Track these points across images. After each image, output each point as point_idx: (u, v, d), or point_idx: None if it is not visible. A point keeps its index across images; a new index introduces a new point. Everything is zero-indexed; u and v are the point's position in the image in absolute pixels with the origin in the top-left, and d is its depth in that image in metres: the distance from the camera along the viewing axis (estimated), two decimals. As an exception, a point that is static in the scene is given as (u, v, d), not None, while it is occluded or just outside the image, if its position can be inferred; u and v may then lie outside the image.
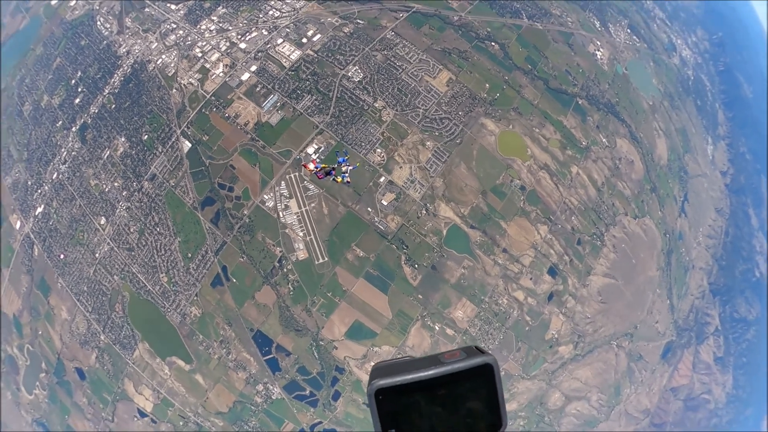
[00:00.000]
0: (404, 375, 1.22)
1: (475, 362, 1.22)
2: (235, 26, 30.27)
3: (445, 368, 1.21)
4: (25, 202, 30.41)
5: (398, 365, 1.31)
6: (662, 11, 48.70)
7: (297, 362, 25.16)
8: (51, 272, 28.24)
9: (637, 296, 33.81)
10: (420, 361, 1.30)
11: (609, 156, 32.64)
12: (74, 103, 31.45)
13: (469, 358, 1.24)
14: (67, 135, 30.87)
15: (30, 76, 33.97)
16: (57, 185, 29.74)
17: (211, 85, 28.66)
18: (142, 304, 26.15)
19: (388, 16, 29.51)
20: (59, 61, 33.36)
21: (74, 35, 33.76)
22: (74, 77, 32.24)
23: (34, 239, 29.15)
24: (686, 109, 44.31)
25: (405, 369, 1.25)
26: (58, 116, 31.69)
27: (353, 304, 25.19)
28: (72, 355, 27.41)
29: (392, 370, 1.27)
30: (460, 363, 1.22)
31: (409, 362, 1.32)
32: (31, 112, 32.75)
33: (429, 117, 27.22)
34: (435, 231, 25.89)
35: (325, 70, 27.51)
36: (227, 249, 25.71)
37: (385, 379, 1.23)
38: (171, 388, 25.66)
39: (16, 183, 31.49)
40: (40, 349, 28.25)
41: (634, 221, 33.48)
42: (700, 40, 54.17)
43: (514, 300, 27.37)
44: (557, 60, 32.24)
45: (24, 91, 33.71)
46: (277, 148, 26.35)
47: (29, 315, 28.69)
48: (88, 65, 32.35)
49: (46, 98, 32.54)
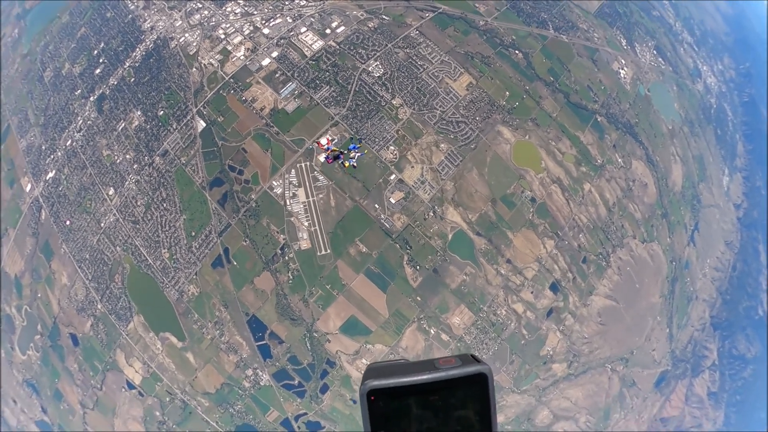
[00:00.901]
0: (398, 377, 1.21)
1: (470, 370, 1.21)
2: (260, 11, 30.30)
3: (439, 374, 1.20)
4: (38, 166, 30.72)
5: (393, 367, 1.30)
6: (690, 36, 47.88)
7: (289, 351, 25.06)
8: (56, 237, 28.49)
9: (637, 321, 33.27)
10: (415, 365, 1.28)
11: (623, 177, 32.13)
12: (94, 74, 31.73)
13: (464, 365, 1.23)
14: (84, 104, 31.17)
15: (54, 43, 34.33)
16: (70, 152, 30.02)
17: (231, 68, 28.70)
18: (141, 278, 26.23)
19: (414, 14, 29.32)
20: (83, 30, 33.72)
21: (101, 6, 34.12)
22: (97, 48, 32.53)
23: (42, 203, 29.46)
24: (705, 137, 43.50)
25: (399, 372, 1.24)
26: (77, 85, 32.01)
27: (351, 299, 25.07)
28: (68, 320, 27.63)
29: (386, 371, 1.27)
30: (454, 370, 1.21)
31: (404, 365, 1.31)
32: (52, 78, 33.09)
33: (446, 119, 27.00)
34: (440, 234, 25.64)
35: (346, 63, 27.40)
36: (231, 231, 25.72)
37: (378, 380, 1.21)
38: (161, 363, 25.70)
39: (30, 146, 31.83)
40: (38, 311, 28.52)
41: (641, 245, 32.93)
42: (726, 69, 53.19)
43: (512, 312, 27.05)
44: (580, 74, 31.81)
45: (47, 58, 34.08)
46: (291, 135, 26.31)
47: (30, 277, 28.97)
48: (112, 37, 32.63)
49: (68, 66, 32.91)
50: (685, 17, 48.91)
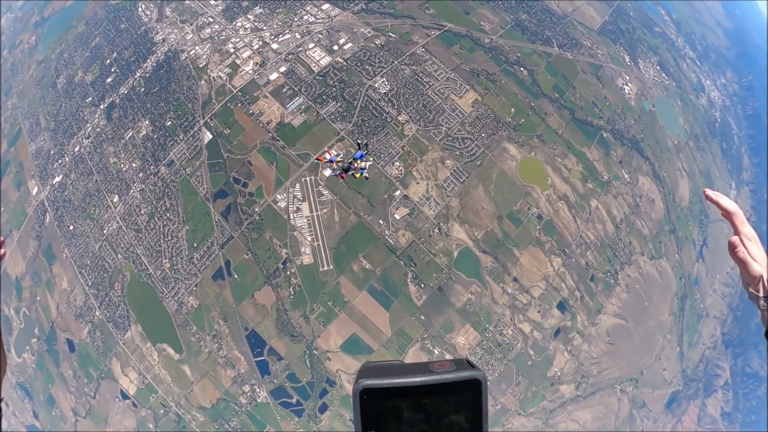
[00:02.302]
0: (392, 378, 1.20)
1: (465, 376, 1.20)
2: (269, 27, 30.96)
3: (433, 377, 1.19)
4: (45, 170, 30.99)
5: (387, 368, 1.29)
6: (693, 51, 48.28)
7: (288, 368, 24.44)
8: (58, 241, 28.43)
9: (647, 340, 32.28)
10: (409, 367, 1.28)
11: (630, 193, 31.76)
12: (106, 82, 32.48)
13: (459, 370, 1.22)
14: (94, 111, 31.78)
15: (69, 51, 35.34)
16: (77, 158, 30.36)
17: (239, 81, 29.11)
18: (141, 287, 25.97)
19: (420, 32, 29.79)
20: (98, 40, 34.74)
21: (115, 18, 35.21)
22: (110, 57, 33.43)
23: (47, 207, 29.56)
24: (711, 151, 43.25)
25: (394, 372, 1.24)
26: (88, 92, 32.72)
27: (353, 316, 24.53)
28: (65, 325, 27.23)
29: (381, 371, 1.26)
30: (449, 374, 1.20)
31: (399, 366, 1.31)
32: (65, 85, 33.90)
33: (451, 136, 27.02)
34: (446, 252, 25.26)
35: (353, 79, 27.70)
36: (233, 244, 25.51)
37: (372, 379, 1.20)
38: (157, 374, 25.13)
39: (39, 150, 32.24)
40: (36, 314, 28.19)
41: (650, 262, 32.28)
42: (729, 83, 53.38)
43: (519, 332, 26.31)
44: (585, 91, 31.93)
45: (61, 65, 34.98)
46: (297, 149, 26.36)
47: (31, 279, 28.77)
48: (124, 48, 33.54)
49: (80, 74, 33.72)
50: (687, 33, 49.46)
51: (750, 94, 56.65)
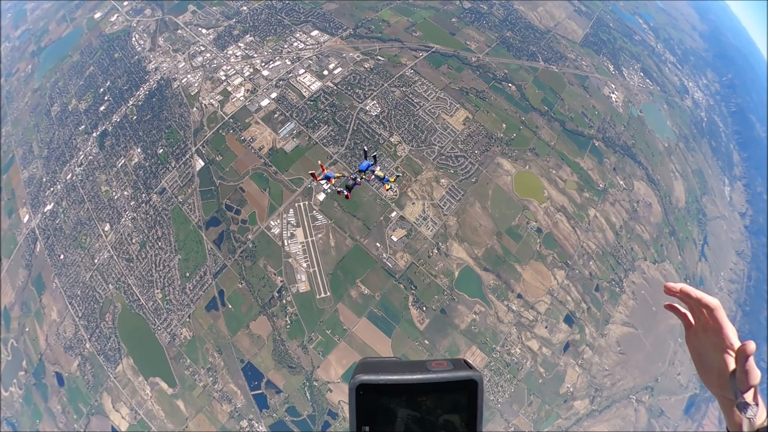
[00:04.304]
0: (389, 375, 1.21)
1: (461, 375, 1.20)
2: (260, 54, 31.50)
3: (430, 376, 1.20)
4: (37, 198, 30.70)
5: (385, 364, 1.29)
6: (673, 55, 49.91)
7: (287, 401, 23.23)
8: (48, 270, 27.69)
9: (658, 346, 31.42)
10: (407, 365, 1.28)
11: (627, 199, 31.77)
12: (99, 110, 32.84)
13: (456, 370, 1.22)
14: (87, 139, 31.88)
15: (63, 79, 36.06)
16: (69, 186, 30.15)
17: (230, 108, 29.26)
18: (132, 318, 25.09)
19: (408, 54, 30.46)
20: (92, 69, 35.33)
21: (109, 47, 36.00)
22: (103, 86, 34.01)
23: (38, 235, 28.98)
24: (701, 151, 43.87)
25: (391, 369, 1.24)
26: (82, 120, 32.97)
27: (353, 344, 23.60)
28: (54, 358, 26.05)
29: (378, 368, 1.25)
30: (446, 373, 1.21)
31: (396, 363, 1.31)
32: (59, 113, 34.27)
33: (444, 154, 27.15)
34: (446, 272, 24.73)
35: (344, 103, 27.97)
36: (227, 273, 24.81)
37: (369, 375, 1.21)
38: (150, 410, 23.81)
39: (32, 178, 32.06)
40: (24, 346, 27.01)
41: (653, 266, 31.91)
42: (711, 82, 54.99)
43: (527, 350, 25.45)
44: (573, 102, 32.50)
45: (55, 93, 35.50)
46: (290, 175, 26.19)
47: (20, 310, 27.77)
48: (118, 76, 34.04)
49: (74, 102, 34.13)
50: (665, 38, 51.30)
51: (732, 92, 58.31)
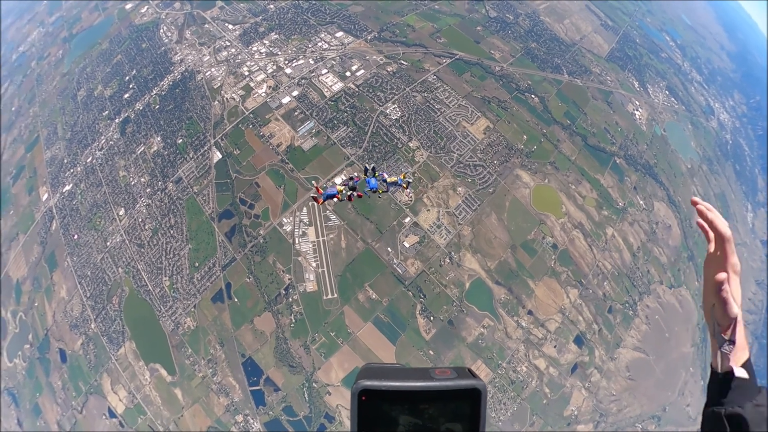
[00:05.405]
0: (392, 381, 1.20)
1: (465, 384, 1.20)
2: (284, 52, 31.84)
3: (433, 383, 1.20)
4: (57, 178, 31.46)
5: (388, 370, 1.28)
6: (699, 74, 48.61)
7: (284, 400, 22.99)
8: (62, 249, 28.25)
9: (669, 374, 30.27)
10: (410, 371, 1.28)
11: (646, 219, 30.83)
12: (123, 98, 33.70)
13: (460, 378, 1.22)
14: (109, 125, 32.73)
15: (91, 66, 37.20)
16: (89, 169, 30.85)
17: (251, 103, 29.58)
18: (139, 303, 25.33)
19: (432, 60, 30.34)
20: (119, 57, 36.46)
21: (138, 38, 37.12)
22: (129, 74, 34.95)
23: (55, 214, 29.67)
24: (725, 174, 42.46)
25: (394, 375, 1.24)
26: (106, 106, 33.85)
27: (357, 349, 23.31)
28: (60, 335, 26.45)
29: (381, 374, 1.25)
30: (449, 381, 1.20)
31: (400, 370, 1.30)
32: (84, 98, 35.32)
33: (463, 162, 26.81)
34: (457, 282, 24.29)
35: (364, 105, 27.96)
36: (235, 266, 24.89)
37: (372, 381, 1.20)
38: (147, 395, 23.91)
39: (54, 158, 33.04)
40: (32, 320, 27.50)
41: (669, 291, 30.83)
42: (737, 104, 53.35)
43: (534, 368, 24.76)
44: (596, 117, 31.83)
45: (83, 78, 36.70)
46: (306, 173, 26.22)
47: (31, 285, 28.36)
48: (144, 66, 35.01)
49: (100, 88, 35.18)
50: (693, 57, 50.02)
51: (758, 115, 56.42)
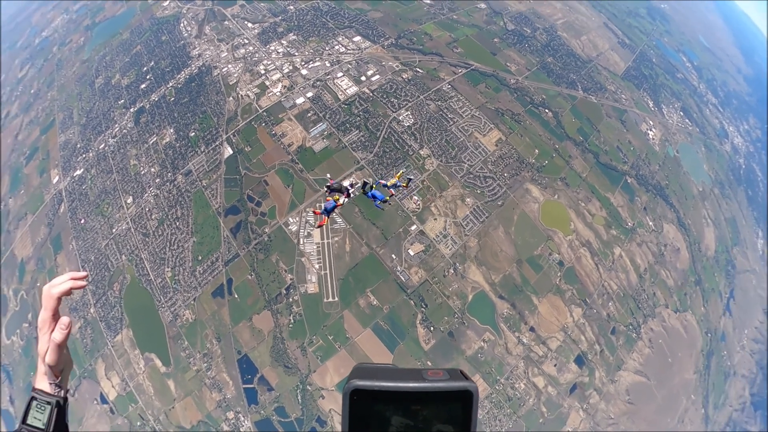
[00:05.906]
0: (384, 381, 1.20)
1: (457, 386, 1.20)
2: (301, 53, 32.14)
3: (425, 384, 1.20)
4: (69, 162, 32.04)
5: (380, 370, 1.29)
6: (715, 97, 48.10)
7: (277, 401, 22.82)
8: (68, 232, 28.63)
9: (669, 400, 29.62)
10: (402, 372, 1.28)
11: (654, 241, 30.39)
12: (140, 88, 34.31)
13: (452, 380, 1.22)
14: (124, 113, 33.32)
15: (111, 54, 38.08)
16: (101, 155, 31.33)
17: (266, 102, 29.85)
18: (139, 292, 25.48)
19: (447, 69, 30.40)
20: (139, 48, 37.23)
21: (158, 30, 37.92)
22: (147, 65, 35.66)
23: (64, 197, 30.12)
24: (737, 199, 41.76)
25: (386, 376, 1.24)
26: (122, 95, 34.46)
27: (354, 354, 23.15)
28: None
29: (373, 374, 1.25)
30: (441, 383, 1.20)
31: (392, 370, 1.30)
32: (102, 85, 36.05)
33: (473, 173, 26.70)
34: (460, 294, 24.07)
35: (378, 110, 28.05)
36: (238, 262, 24.94)
37: (364, 380, 1.20)
38: (140, 384, 23.92)
39: (67, 142, 33.71)
40: (33, 300, 27.82)
41: (674, 315, 30.27)
42: (752, 128, 52.63)
43: (532, 386, 24.39)
44: (609, 135, 31.58)
45: (102, 66, 37.57)
46: (315, 174, 26.31)
47: (35, 265, 28.75)
48: (162, 58, 35.70)
49: (118, 77, 35.89)
50: (708, 79, 49.54)
51: (774, 140, 55.57)
